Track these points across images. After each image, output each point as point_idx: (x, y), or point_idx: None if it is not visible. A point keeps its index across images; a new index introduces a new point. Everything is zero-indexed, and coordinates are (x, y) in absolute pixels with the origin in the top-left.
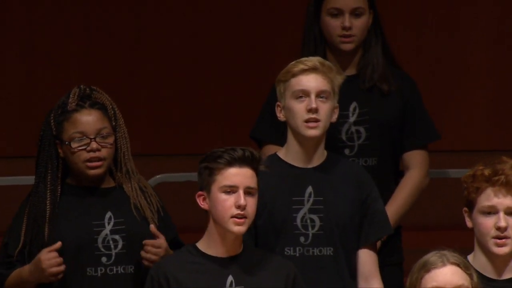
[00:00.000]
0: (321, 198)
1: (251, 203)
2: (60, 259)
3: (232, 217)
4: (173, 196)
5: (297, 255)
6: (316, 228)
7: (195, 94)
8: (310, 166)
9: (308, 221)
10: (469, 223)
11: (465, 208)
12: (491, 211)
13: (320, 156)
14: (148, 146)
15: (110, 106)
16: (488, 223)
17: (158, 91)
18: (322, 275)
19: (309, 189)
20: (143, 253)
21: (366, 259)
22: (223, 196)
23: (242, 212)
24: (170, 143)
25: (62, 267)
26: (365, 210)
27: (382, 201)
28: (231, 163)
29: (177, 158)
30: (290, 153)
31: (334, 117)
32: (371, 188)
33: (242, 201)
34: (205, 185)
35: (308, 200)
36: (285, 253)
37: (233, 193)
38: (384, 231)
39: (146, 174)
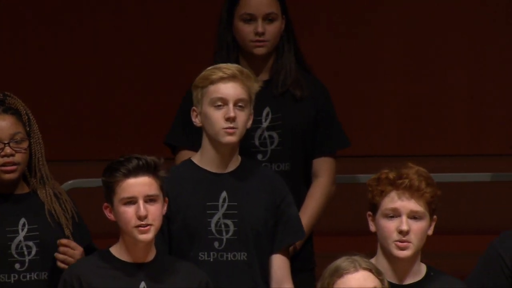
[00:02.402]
0: (235, 203)
1: (153, 210)
2: None
3: (136, 227)
4: (86, 202)
5: (211, 260)
6: (230, 233)
7: (108, 99)
8: (224, 171)
9: (223, 226)
10: (372, 227)
11: (369, 212)
12: (394, 214)
13: (234, 162)
14: (60, 151)
15: (24, 112)
16: (390, 226)
17: (71, 96)
18: (236, 280)
19: (223, 194)
20: (57, 255)
21: (279, 264)
22: (124, 208)
23: (143, 222)
24: (83, 149)
25: None
26: (279, 215)
27: (296, 207)
28: (126, 175)
29: (90, 163)
30: (205, 159)
31: (249, 123)
32: (285, 194)
33: (141, 212)
34: (108, 198)
35: (222, 205)
36: (199, 258)
37: (133, 204)
38: (298, 237)
39: (59, 179)
